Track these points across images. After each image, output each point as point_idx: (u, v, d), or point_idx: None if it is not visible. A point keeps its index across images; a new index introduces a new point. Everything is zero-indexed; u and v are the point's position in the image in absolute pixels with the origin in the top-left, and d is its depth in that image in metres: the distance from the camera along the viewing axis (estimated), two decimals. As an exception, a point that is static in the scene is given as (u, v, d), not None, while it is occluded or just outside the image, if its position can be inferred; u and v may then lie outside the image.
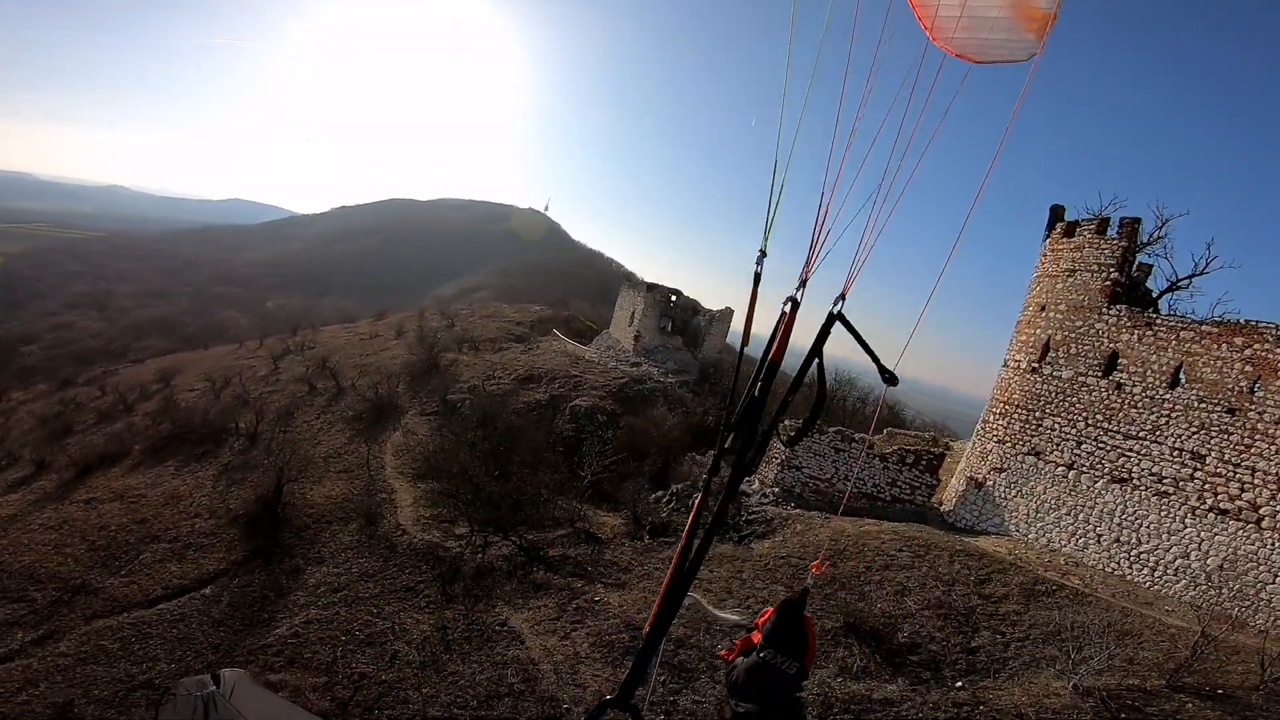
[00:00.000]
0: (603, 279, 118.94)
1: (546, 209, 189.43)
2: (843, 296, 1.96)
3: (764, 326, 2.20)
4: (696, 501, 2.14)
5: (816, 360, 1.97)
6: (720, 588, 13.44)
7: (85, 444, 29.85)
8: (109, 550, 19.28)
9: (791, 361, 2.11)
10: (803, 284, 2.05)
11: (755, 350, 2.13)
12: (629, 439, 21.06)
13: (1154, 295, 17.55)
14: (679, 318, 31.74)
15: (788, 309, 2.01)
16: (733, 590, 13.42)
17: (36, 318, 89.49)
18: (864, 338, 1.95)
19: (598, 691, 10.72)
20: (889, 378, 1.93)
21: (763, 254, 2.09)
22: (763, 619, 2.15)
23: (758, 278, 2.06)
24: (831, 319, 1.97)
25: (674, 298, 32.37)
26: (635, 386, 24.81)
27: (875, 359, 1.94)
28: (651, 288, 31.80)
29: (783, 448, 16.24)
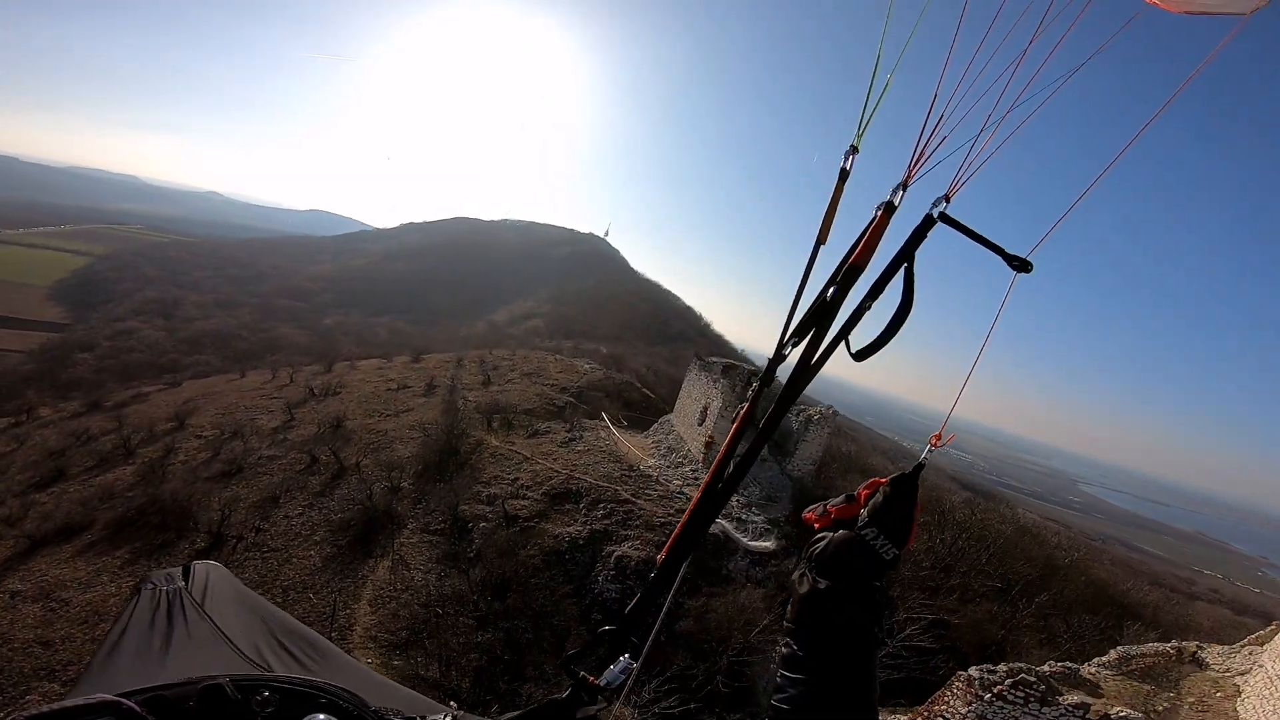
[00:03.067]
0: (660, 314, 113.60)
1: (606, 235, 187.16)
2: (946, 198, 1.65)
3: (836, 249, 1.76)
4: (743, 410, 1.88)
5: (905, 266, 1.67)
6: None
7: (60, 502, 26.06)
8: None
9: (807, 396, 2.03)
10: (903, 186, 1.69)
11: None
12: (697, 626, 14.61)
13: None
14: (762, 409, 24.32)
15: (880, 213, 1.69)
16: None
17: (102, 323, 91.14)
18: (980, 234, 1.62)
19: None
20: (1019, 264, 1.59)
21: (854, 150, 1.74)
22: (866, 490, 1.74)
23: (844, 174, 1.75)
24: (930, 222, 1.64)
25: (755, 381, 25.02)
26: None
27: (998, 249, 1.61)
28: (729, 370, 24.76)
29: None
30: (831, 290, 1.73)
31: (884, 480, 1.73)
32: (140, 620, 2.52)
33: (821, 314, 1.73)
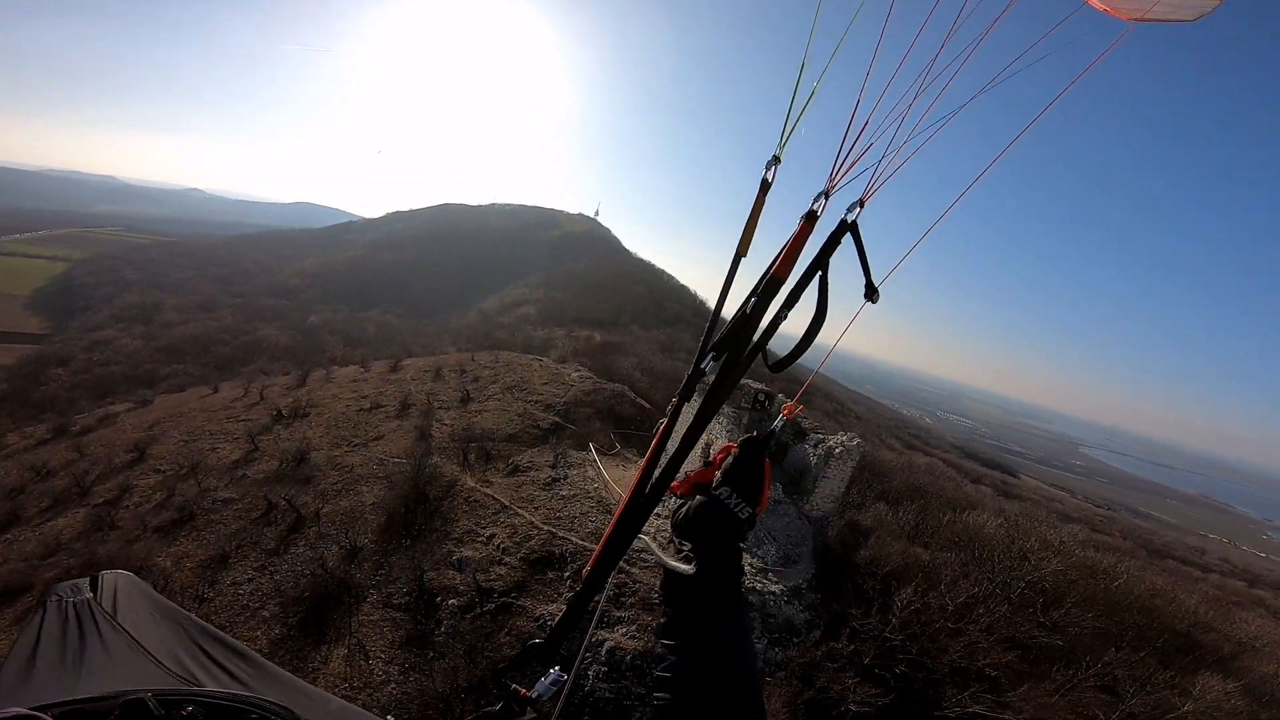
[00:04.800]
0: (655, 295, 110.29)
1: (596, 215, 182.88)
2: (860, 204, 1.68)
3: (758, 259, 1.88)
4: (664, 423, 1.97)
5: (820, 273, 1.69)
6: None
7: (8, 555, 23.96)
8: None
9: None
10: (825, 195, 1.70)
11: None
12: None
13: None
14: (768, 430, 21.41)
15: (802, 223, 1.69)
16: None
17: (79, 333, 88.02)
18: (867, 256, 1.69)
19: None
20: (870, 292, 1.70)
21: (776, 160, 1.74)
22: (720, 455, 1.87)
23: (766, 184, 1.75)
24: (844, 228, 1.69)
25: (766, 401, 22.15)
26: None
27: (867, 274, 1.70)
28: (734, 393, 21.95)
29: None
30: (752, 302, 1.71)
31: (734, 445, 1.82)
32: (49, 634, 2.37)
33: (742, 327, 1.72)
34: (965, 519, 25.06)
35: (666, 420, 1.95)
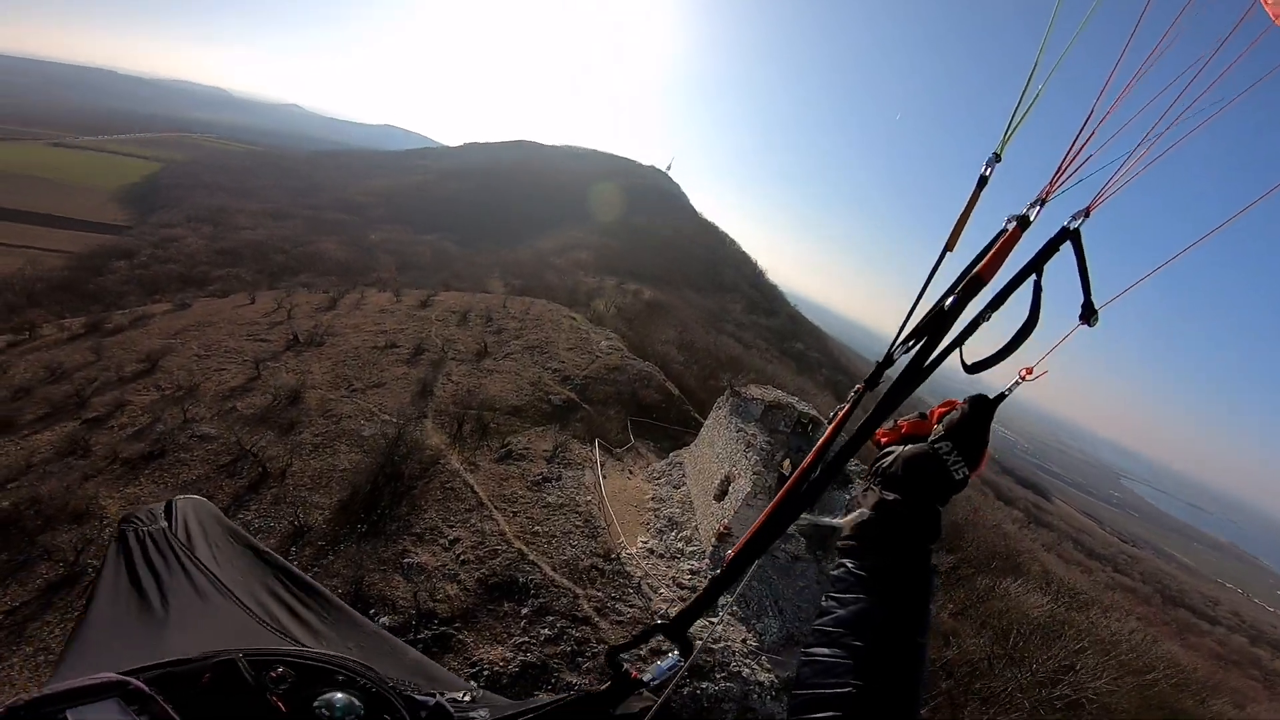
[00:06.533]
0: (713, 259, 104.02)
1: (669, 169, 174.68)
2: (1086, 213, 1.58)
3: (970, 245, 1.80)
4: (844, 409, 1.90)
5: (1035, 278, 1.60)
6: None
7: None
8: None
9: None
10: (1041, 202, 1.62)
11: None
12: None
13: None
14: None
15: (1011, 226, 1.62)
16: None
17: (153, 229, 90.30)
18: (1089, 270, 1.57)
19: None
20: (1088, 313, 1.56)
21: (997, 157, 1.69)
22: (941, 408, 1.72)
23: (983, 181, 1.71)
24: (1065, 235, 1.57)
25: (811, 427, 17.21)
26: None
27: (1087, 291, 1.57)
28: (771, 413, 16.94)
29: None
30: (950, 300, 1.69)
31: (960, 401, 1.68)
32: (132, 573, 2.31)
33: (937, 322, 1.69)
34: (1004, 591, 23.14)
35: (847, 406, 1.89)
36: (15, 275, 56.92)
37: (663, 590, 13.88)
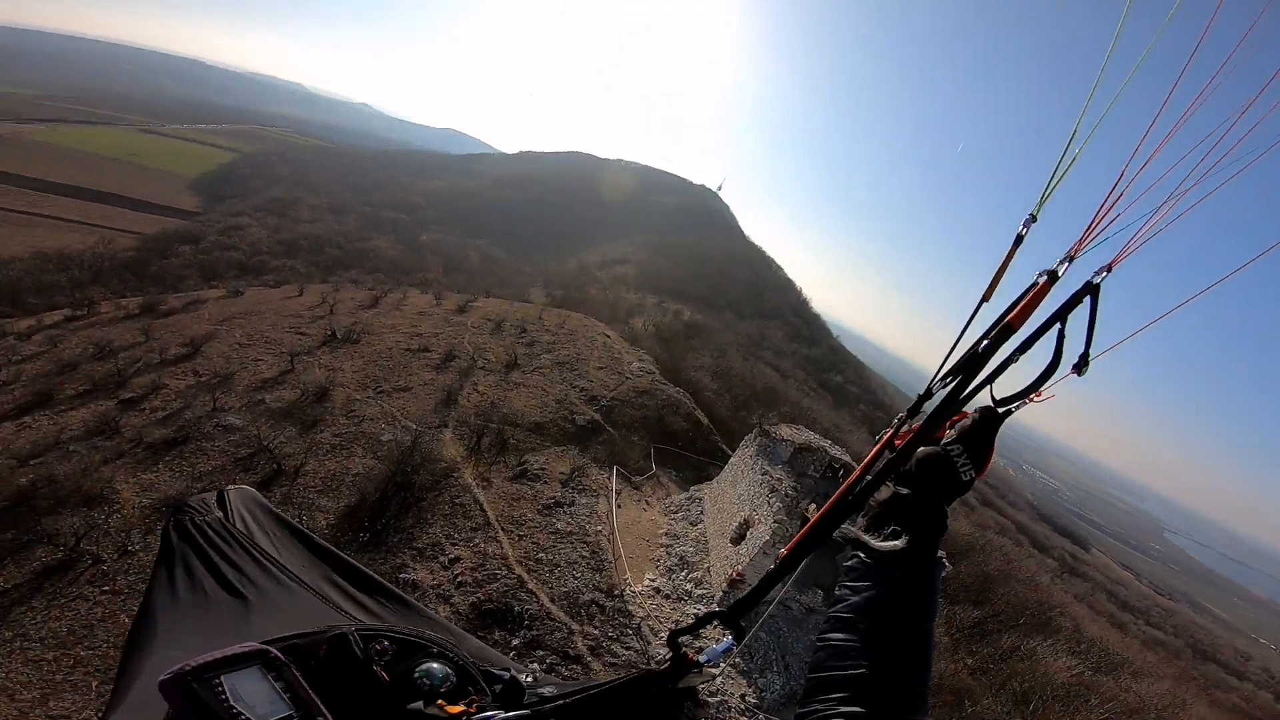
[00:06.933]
0: (758, 284, 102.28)
1: (719, 189, 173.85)
2: (1108, 268, 1.69)
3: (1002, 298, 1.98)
4: (888, 432, 1.99)
5: (1060, 326, 1.71)
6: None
7: (14, 440, 22.68)
8: None
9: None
10: (1069, 259, 1.72)
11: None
12: None
13: None
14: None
15: (1041, 280, 1.73)
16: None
17: (222, 216, 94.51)
18: (1096, 324, 1.72)
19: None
20: (1081, 364, 1.67)
21: (1033, 218, 1.81)
22: (956, 419, 1.86)
23: (1020, 239, 1.84)
24: (1088, 289, 1.69)
25: (842, 471, 15.97)
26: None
27: (1088, 343, 1.68)
28: (800, 456, 15.78)
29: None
30: (984, 344, 1.81)
31: (968, 412, 1.85)
32: (200, 555, 2.38)
33: (971, 363, 1.82)
34: (1029, 651, 22.17)
35: (890, 431, 2.03)
36: (86, 252, 59.69)
37: (663, 634, 12.72)
